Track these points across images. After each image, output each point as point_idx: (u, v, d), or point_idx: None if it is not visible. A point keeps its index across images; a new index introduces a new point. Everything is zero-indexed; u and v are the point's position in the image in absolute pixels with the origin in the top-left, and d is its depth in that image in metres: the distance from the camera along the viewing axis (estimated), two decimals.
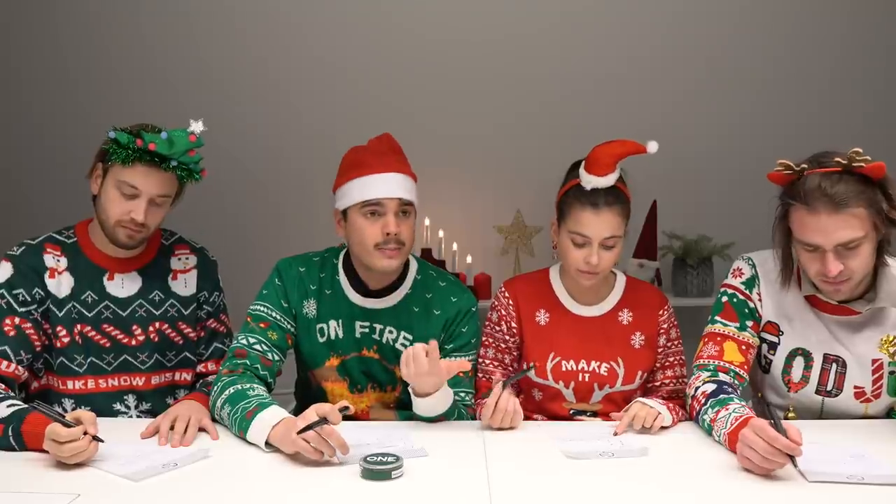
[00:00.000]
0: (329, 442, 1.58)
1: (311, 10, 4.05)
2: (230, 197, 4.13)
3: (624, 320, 2.06)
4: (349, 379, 2.05)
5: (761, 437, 1.52)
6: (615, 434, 1.81)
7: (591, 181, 1.92)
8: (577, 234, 1.93)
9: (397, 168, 1.95)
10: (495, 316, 2.10)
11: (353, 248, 1.99)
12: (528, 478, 1.58)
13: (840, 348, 1.90)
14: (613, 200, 1.93)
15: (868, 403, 1.92)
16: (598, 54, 4.10)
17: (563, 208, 1.98)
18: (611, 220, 1.92)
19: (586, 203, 1.92)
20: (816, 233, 1.73)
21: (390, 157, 1.96)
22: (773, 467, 1.53)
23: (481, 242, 4.27)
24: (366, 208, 1.92)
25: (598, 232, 1.92)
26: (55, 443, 1.55)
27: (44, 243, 1.98)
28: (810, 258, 1.79)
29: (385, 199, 1.91)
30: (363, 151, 1.98)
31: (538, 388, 2.06)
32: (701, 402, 1.85)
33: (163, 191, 1.92)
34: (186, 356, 2.09)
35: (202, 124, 1.89)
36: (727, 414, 1.73)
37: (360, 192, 1.92)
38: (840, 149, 1.83)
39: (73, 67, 4.21)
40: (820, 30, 4.25)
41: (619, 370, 2.03)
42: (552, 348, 2.04)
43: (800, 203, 1.75)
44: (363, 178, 1.92)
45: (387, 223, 1.91)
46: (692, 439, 1.82)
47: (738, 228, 3.93)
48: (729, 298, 1.97)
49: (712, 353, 1.94)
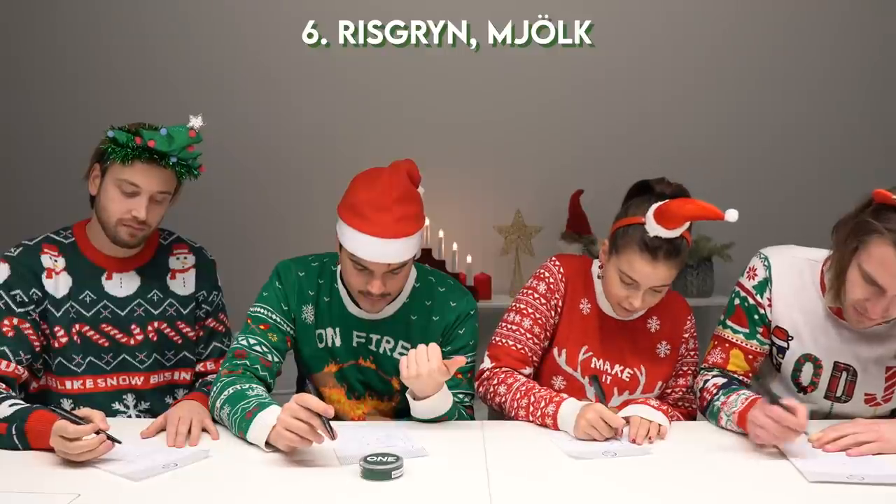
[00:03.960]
0: (315, 429, 1.58)
1: (312, 10, 4.04)
2: (229, 196, 4.13)
3: (652, 328, 2.02)
4: (347, 385, 2.04)
5: (770, 417, 1.62)
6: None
7: (656, 230, 1.79)
8: (626, 275, 1.85)
9: (393, 231, 1.80)
10: (543, 287, 1.99)
11: (344, 279, 1.95)
12: (529, 477, 1.58)
13: (852, 358, 1.86)
14: (673, 252, 1.81)
15: (877, 407, 1.91)
16: (598, 54, 4.09)
17: (619, 242, 1.86)
18: (665, 271, 1.82)
19: (645, 251, 1.81)
20: (894, 278, 1.63)
21: (391, 216, 1.80)
22: (782, 441, 1.66)
23: (481, 242, 4.27)
24: (354, 260, 1.84)
25: (649, 281, 1.83)
26: (63, 439, 1.55)
27: (41, 244, 1.98)
28: (862, 290, 1.69)
29: (374, 262, 1.83)
30: (368, 198, 1.82)
31: (563, 377, 1.99)
32: (712, 392, 1.90)
33: (163, 187, 1.92)
34: (185, 356, 2.08)
35: (201, 119, 1.89)
36: (736, 398, 1.81)
37: (353, 246, 1.82)
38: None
39: (72, 68, 4.21)
40: (819, 30, 4.25)
41: (640, 378, 1.99)
42: (586, 341, 1.99)
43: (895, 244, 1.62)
44: (359, 234, 1.81)
45: (371, 282, 1.85)
46: (694, 439, 1.81)
47: (737, 228, 3.90)
48: (741, 302, 1.94)
49: (717, 360, 1.97)
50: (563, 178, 4.15)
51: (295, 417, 1.59)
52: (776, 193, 4.25)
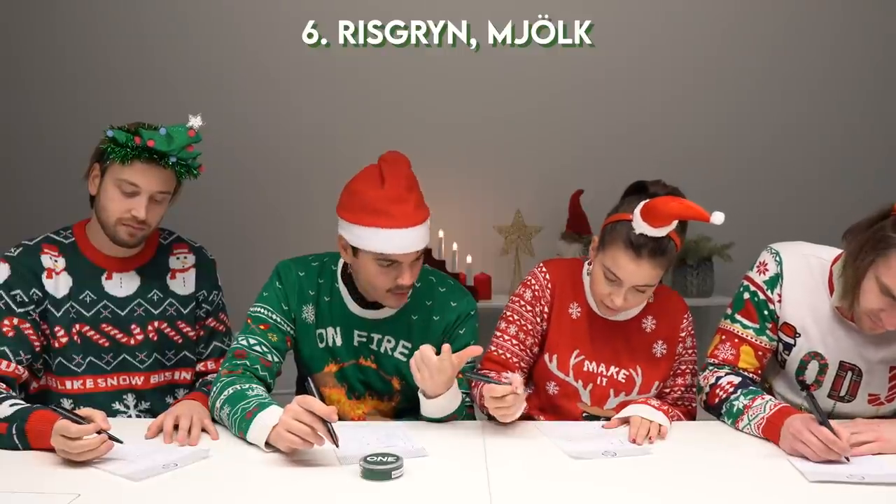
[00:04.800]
0: (317, 432, 1.59)
1: (312, 10, 4.04)
2: (229, 196, 4.13)
3: (648, 328, 2.01)
4: (347, 385, 2.04)
5: (816, 436, 1.62)
6: (602, 427, 1.86)
7: (642, 227, 1.79)
8: (610, 272, 1.85)
9: (416, 219, 1.84)
10: (529, 294, 2.01)
11: (360, 282, 1.94)
12: (529, 477, 1.58)
13: (858, 358, 1.86)
14: (657, 252, 1.80)
15: (880, 406, 1.91)
16: (598, 54, 4.09)
17: (606, 238, 1.86)
18: (648, 271, 1.81)
19: (629, 247, 1.80)
20: None
21: (409, 205, 1.84)
22: (821, 458, 1.63)
23: (481, 242, 4.26)
24: (381, 259, 1.85)
25: (631, 279, 1.83)
26: (65, 438, 1.55)
27: (41, 244, 1.98)
28: (878, 300, 1.69)
29: (404, 254, 1.85)
30: (381, 195, 1.83)
31: (556, 383, 2.00)
32: (728, 390, 1.89)
33: (162, 187, 1.92)
34: (185, 355, 2.08)
35: (200, 119, 1.89)
36: (763, 402, 1.81)
37: (379, 245, 1.82)
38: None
39: (72, 68, 4.20)
40: (819, 30, 4.25)
41: (637, 378, 1.99)
42: (577, 345, 1.99)
43: None
44: (383, 230, 1.82)
45: (402, 275, 1.86)
46: (694, 439, 1.82)
47: (737, 228, 3.91)
48: (751, 297, 1.93)
49: (728, 357, 1.95)
50: (563, 178, 4.15)
51: (297, 420, 1.59)
52: (776, 193, 4.25)
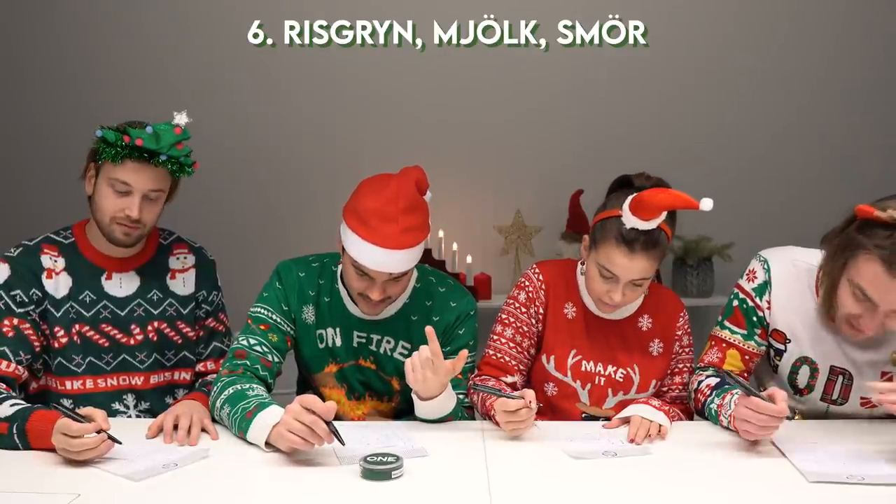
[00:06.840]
0: (317, 432, 1.58)
1: (312, 10, 4.04)
2: (229, 196, 4.13)
3: (644, 326, 2.01)
4: (347, 386, 2.04)
5: (750, 408, 1.65)
6: (603, 427, 1.86)
7: (632, 222, 1.79)
8: (605, 269, 1.85)
9: (399, 242, 1.80)
10: (523, 296, 2.01)
11: (344, 279, 1.96)
12: (529, 478, 1.58)
13: (847, 362, 1.87)
14: (650, 244, 1.81)
15: (874, 409, 1.91)
16: (597, 53, 4.09)
17: (598, 236, 1.86)
18: (643, 264, 1.82)
19: (622, 243, 1.80)
20: (890, 294, 1.64)
21: (397, 227, 1.80)
22: (770, 432, 1.67)
23: (481, 242, 4.26)
24: (356, 266, 1.84)
25: (628, 274, 1.83)
26: (65, 437, 1.55)
27: (41, 244, 1.98)
28: (854, 305, 1.70)
29: (376, 271, 1.83)
30: (374, 207, 1.81)
31: (554, 384, 2.00)
32: (706, 393, 1.91)
33: (155, 186, 1.92)
34: (185, 355, 2.08)
35: (186, 115, 1.89)
36: (731, 398, 1.82)
37: (356, 252, 1.82)
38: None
39: (72, 68, 4.20)
40: (820, 29, 4.25)
41: (634, 377, 1.98)
42: (574, 345, 1.98)
43: (884, 260, 1.61)
44: (361, 240, 1.81)
45: (371, 289, 1.86)
46: (694, 439, 1.81)
47: (737, 228, 3.93)
48: (740, 304, 1.95)
49: (714, 360, 1.98)
50: (563, 178, 4.15)
51: (297, 420, 1.59)
52: (776, 193, 4.25)
